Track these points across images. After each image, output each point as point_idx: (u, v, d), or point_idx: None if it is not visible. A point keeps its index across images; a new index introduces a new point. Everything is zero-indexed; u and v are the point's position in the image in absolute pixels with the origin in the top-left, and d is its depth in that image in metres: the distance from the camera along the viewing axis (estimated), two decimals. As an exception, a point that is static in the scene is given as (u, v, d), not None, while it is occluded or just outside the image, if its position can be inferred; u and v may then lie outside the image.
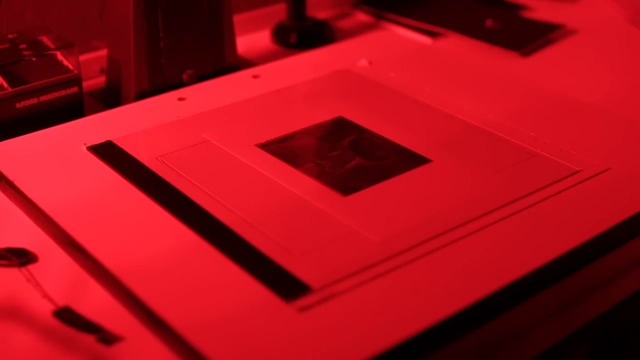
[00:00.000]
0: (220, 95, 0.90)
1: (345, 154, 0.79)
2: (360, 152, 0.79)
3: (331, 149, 0.80)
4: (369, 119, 0.85)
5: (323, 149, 0.80)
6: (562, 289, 0.65)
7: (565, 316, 0.68)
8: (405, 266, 0.64)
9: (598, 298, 0.71)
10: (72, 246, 0.66)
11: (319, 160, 0.78)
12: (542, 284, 0.63)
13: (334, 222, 0.69)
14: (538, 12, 1.15)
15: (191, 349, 0.56)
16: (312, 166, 0.77)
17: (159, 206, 0.71)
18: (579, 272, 0.65)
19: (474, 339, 0.59)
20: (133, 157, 0.78)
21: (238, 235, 0.67)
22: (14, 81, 0.84)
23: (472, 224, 0.68)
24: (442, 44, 1.06)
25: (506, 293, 0.62)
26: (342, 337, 0.58)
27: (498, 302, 0.61)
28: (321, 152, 0.79)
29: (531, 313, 0.64)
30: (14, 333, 0.59)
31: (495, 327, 0.61)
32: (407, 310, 0.60)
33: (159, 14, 0.90)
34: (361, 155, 0.78)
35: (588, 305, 0.70)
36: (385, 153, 0.78)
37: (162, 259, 0.65)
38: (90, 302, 0.61)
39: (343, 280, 0.62)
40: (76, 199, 0.72)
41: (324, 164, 0.77)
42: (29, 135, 0.82)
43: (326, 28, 1.10)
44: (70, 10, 1.01)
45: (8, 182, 0.74)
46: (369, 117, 0.85)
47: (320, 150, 0.80)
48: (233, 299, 0.61)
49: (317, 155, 0.79)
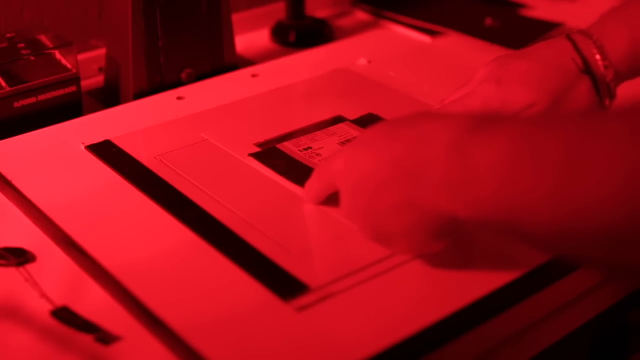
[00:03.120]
0: (219, 94, 0.90)
1: (344, 153, 0.78)
2: (359, 151, 0.78)
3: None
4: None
5: (322, 148, 0.80)
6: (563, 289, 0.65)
7: (565, 315, 0.68)
8: (404, 265, 0.63)
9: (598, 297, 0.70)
10: (70, 245, 0.66)
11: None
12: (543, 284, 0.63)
13: (332, 221, 0.68)
14: (537, 11, 1.15)
15: (189, 349, 0.56)
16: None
17: (157, 205, 0.71)
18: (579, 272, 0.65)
19: (473, 338, 0.59)
20: (131, 157, 0.78)
21: (236, 234, 0.67)
22: (12, 80, 0.84)
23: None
24: (441, 42, 1.06)
25: (506, 292, 0.62)
26: (340, 336, 0.58)
27: (498, 301, 0.61)
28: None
29: (531, 312, 0.64)
30: (11, 332, 0.58)
31: (495, 326, 0.61)
32: (406, 309, 0.60)
33: (158, 12, 0.90)
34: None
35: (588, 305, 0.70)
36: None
37: (160, 259, 0.65)
38: (88, 302, 0.61)
39: (341, 279, 0.62)
40: (74, 198, 0.72)
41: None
42: (27, 135, 0.82)
43: (325, 27, 1.10)
44: (69, 9, 1.01)
45: (6, 181, 0.74)
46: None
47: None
48: (231, 298, 0.61)
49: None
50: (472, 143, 0.53)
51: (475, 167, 0.52)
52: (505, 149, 0.51)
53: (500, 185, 0.51)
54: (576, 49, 0.74)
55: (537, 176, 0.49)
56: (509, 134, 0.51)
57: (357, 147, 0.62)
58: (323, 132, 0.80)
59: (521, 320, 0.63)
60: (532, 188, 0.49)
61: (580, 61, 0.74)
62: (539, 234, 0.51)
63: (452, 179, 0.54)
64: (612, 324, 0.84)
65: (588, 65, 0.74)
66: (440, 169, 0.54)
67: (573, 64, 0.74)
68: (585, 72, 0.74)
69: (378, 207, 0.59)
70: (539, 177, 0.49)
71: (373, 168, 0.59)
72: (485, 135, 0.52)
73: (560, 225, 0.49)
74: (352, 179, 0.61)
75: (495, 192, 0.51)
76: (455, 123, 0.55)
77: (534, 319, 0.64)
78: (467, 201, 0.53)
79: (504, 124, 0.53)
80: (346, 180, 0.62)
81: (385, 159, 0.58)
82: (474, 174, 0.52)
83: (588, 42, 0.74)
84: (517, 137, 0.51)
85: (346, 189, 0.62)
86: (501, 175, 0.51)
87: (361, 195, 0.60)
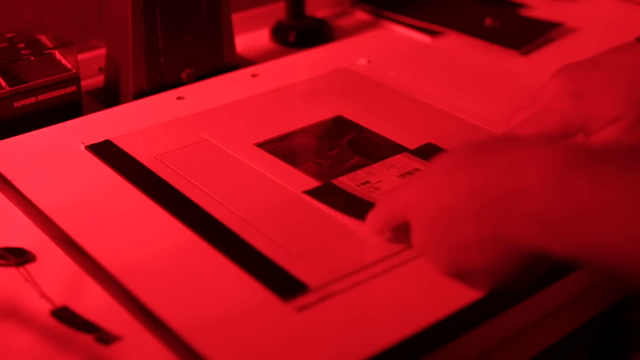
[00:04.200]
0: (219, 94, 0.90)
1: (344, 153, 0.79)
2: (359, 151, 0.79)
3: (330, 148, 0.80)
4: (368, 118, 0.84)
5: (322, 148, 0.80)
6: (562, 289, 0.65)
7: (565, 315, 0.68)
8: (404, 265, 0.63)
9: (598, 297, 0.70)
10: (70, 245, 0.66)
11: (317, 159, 0.78)
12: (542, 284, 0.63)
13: (332, 221, 0.68)
14: (537, 11, 1.15)
15: (189, 349, 0.56)
16: (311, 165, 0.77)
17: (158, 205, 0.71)
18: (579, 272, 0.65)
19: (473, 338, 0.59)
20: (131, 157, 0.78)
21: (236, 234, 0.67)
22: (12, 80, 0.84)
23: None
24: (441, 42, 1.06)
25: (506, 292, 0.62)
26: (340, 336, 0.58)
27: (498, 301, 0.61)
28: (320, 151, 0.79)
29: (531, 312, 0.63)
30: (11, 333, 0.58)
31: (495, 326, 0.61)
32: (406, 309, 0.60)
33: (158, 12, 0.90)
34: (360, 154, 0.78)
35: (588, 305, 0.70)
36: (384, 152, 0.78)
37: (160, 259, 0.65)
38: (89, 302, 0.61)
39: (341, 279, 0.62)
40: (74, 198, 0.72)
41: (323, 163, 0.77)
42: (27, 135, 0.82)
43: (325, 27, 1.10)
44: (69, 9, 1.01)
45: (6, 181, 0.74)
46: (368, 116, 0.85)
47: (319, 149, 0.80)
48: (231, 298, 0.61)
49: (316, 154, 0.79)
50: (575, 179, 0.49)
51: (581, 204, 0.49)
52: (617, 187, 0.48)
53: (612, 225, 0.48)
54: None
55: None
56: (623, 167, 0.49)
57: (431, 177, 0.58)
58: (380, 165, 0.76)
59: (521, 320, 0.63)
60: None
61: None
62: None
63: (552, 213, 0.50)
64: (612, 324, 0.84)
65: None
66: (537, 202, 0.50)
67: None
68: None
69: (457, 241, 0.55)
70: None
71: (450, 199, 0.55)
72: (591, 172, 0.49)
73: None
74: (425, 211, 0.57)
75: (604, 231, 0.48)
76: (550, 153, 0.51)
77: (534, 319, 0.64)
78: (569, 237, 0.50)
79: (611, 158, 0.50)
80: (420, 212, 0.58)
81: (466, 189, 0.54)
82: (579, 210, 0.49)
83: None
84: (633, 175, 0.48)
85: (420, 222, 0.58)
86: (614, 213, 0.48)
87: (437, 229, 0.56)
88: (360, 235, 0.66)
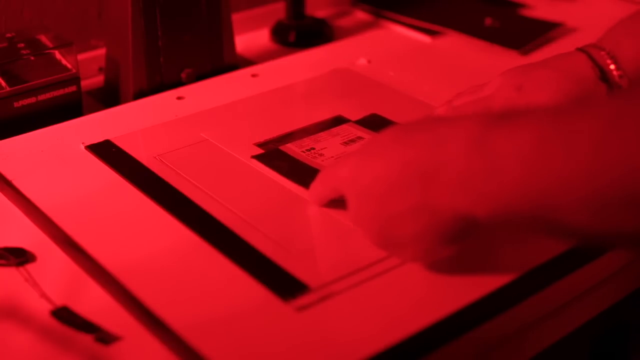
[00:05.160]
0: (219, 94, 0.90)
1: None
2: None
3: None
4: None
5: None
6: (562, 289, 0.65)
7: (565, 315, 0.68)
8: (404, 265, 0.63)
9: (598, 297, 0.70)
10: (70, 246, 0.66)
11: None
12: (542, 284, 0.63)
13: (332, 222, 0.68)
14: (537, 11, 1.15)
15: (189, 349, 0.56)
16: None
17: (158, 205, 0.71)
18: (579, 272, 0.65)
19: (473, 338, 0.59)
20: (131, 157, 0.78)
21: (236, 234, 0.67)
22: (12, 80, 0.84)
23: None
24: (441, 42, 1.06)
25: (506, 292, 0.62)
26: (340, 336, 0.58)
27: (498, 301, 0.61)
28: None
29: (531, 312, 0.63)
30: (11, 333, 0.58)
31: (495, 326, 0.61)
32: (406, 309, 0.60)
33: (158, 12, 0.90)
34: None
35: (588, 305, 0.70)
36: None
37: (160, 259, 0.65)
38: (88, 302, 0.61)
39: (341, 279, 0.62)
40: (74, 198, 0.72)
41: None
42: (27, 135, 0.82)
43: (325, 27, 1.10)
44: (69, 9, 1.01)
45: (6, 181, 0.74)
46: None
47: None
48: (231, 298, 0.61)
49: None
50: (493, 135, 0.52)
51: (499, 156, 0.51)
52: (530, 133, 0.50)
53: (528, 169, 0.50)
54: (591, 59, 0.77)
55: (570, 149, 0.48)
56: (536, 116, 0.51)
57: (365, 153, 0.61)
58: (326, 133, 0.80)
59: (521, 320, 0.63)
60: (565, 162, 0.48)
61: (598, 70, 0.76)
62: (570, 216, 0.50)
63: (473, 173, 0.53)
64: (612, 324, 0.84)
65: (604, 74, 0.76)
66: (459, 166, 0.53)
67: (591, 73, 0.76)
68: (602, 80, 0.76)
69: (387, 212, 0.58)
70: (573, 149, 0.48)
71: (381, 173, 0.58)
72: (507, 126, 0.52)
73: (596, 199, 0.48)
74: (358, 185, 0.60)
75: (523, 177, 0.50)
76: (473, 121, 0.54)
77: (534, 319, 0.64)
78: (490, 193, 0.52)
79: (527, 113, 0.52)
80: (352, 186, 0.61)
81: (397, 163, 0.57)
82: (497, 164, 0.51)
83: (601, 53, 0.77)
84: (544, 120, 0.50)
85: (352, 195, 0.61)
86: (529, 158, 0.50)
87: (368, 201, 0.59)
88: (360, 235, 0.66)
